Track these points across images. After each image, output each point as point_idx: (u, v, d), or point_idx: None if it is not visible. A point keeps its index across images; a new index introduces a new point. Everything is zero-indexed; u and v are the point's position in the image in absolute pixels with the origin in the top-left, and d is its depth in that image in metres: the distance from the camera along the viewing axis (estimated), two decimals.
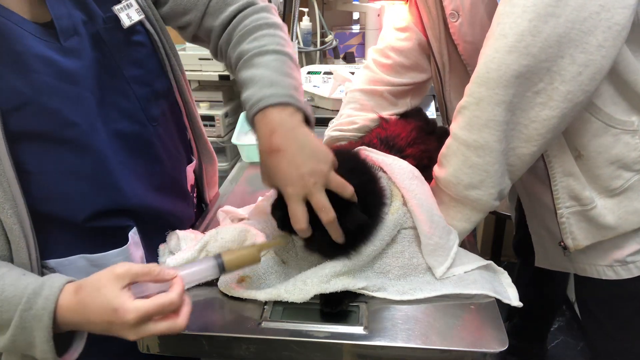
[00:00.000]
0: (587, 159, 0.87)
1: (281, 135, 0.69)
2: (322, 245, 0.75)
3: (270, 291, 0.77)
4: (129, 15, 0.77)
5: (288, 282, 0.77)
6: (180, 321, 0.63)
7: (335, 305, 0.75)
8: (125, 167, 0.79)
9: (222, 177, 1.28)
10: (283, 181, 0.68)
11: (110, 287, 0.61)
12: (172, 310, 0.62)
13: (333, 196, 0.69)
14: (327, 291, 0.75)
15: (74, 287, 0.64)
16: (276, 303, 0.77)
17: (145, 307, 0.60)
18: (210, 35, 0.88)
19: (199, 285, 0.81)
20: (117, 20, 0.76)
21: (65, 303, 0.63)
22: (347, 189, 0.70)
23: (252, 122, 0.73)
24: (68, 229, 0.76)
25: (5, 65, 0.64)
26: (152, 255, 0.87)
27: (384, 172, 0.82)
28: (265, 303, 0.77)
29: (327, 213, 0.67)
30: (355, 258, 0.76)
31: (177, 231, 0.87)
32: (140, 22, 0.80)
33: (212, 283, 0.81)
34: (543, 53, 0.73)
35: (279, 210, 0.72)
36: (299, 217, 0.67)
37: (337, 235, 0.70)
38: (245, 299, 0.78)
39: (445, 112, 1.09)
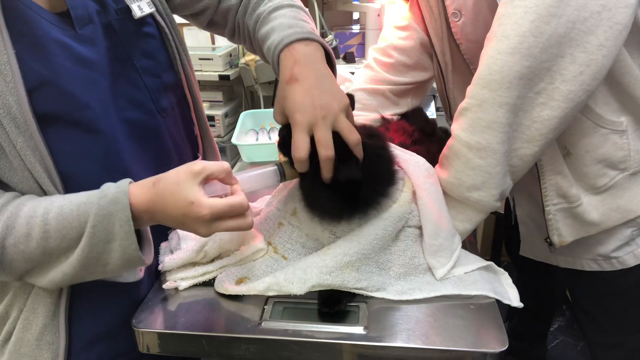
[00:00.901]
0: (575, 157, 0.88)
1: (303, 66, 0.72)
2: (313, 192, 0.75)
3: (269, 280, 0.76)
4: (140, 7, 0.80)
5: (288, 270, 0.77)
6: (248, 220, 0.67)
7: (333, 305, 0.75)
8: (134, 154, 0.80)
9: None
10: (294, 108, 0.70)
11: (188, 181, 0.64)
12: (241, 212, 0.66)
13: (338, 145, 0.69)
14: (327, 282, 0.74)
15: (151, 180, 0.67)
16: (276, 303, 0.77)
17: (219, 205, 0.64)
18: (228, 15, 0.91)
19: (198, 285, 0.82)
20: (128, 11, 0.78)
21: (141, 192, 0.66)
22: (353, 135, 0.70)
23: (277, 61, 0.75)
24: None
25: (26, 48, 0.66)
26: (154, 251, 0.86)
27: (400, 167, 0.82)
28: (265, 303, 0.77)
29: (326, 149, 0.68)
30: (355, 242, 0.76)
31: (178, 230, 0.87)
32: (150, 15, 0.82)
33: (212, 283, 0.81)
34: (544, 53, 0.73)
35: (284, 130, 0.73)
36: (300, 146, 0.69)
37: (327, 174, 0.70)
38: (245, 300, 0.78)
39: (449, 110, 1.09)
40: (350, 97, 0.74)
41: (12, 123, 0.63)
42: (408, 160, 0.83)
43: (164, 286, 0.82)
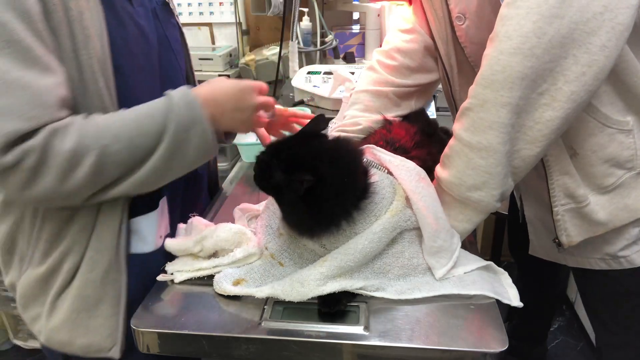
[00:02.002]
0: (582, 157, 0.88)
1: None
2: (287, 211, 0.79)
3: (267, 291, 0.77)
4: (172, 3, 0.98)
5: (285, 283, 0.77)
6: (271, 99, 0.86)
7: (333, 305, 0.75)
8: None
9: (222, 177, 1.28)
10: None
11: (225, 79, 0.81)
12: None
13: (285, 158, 0.75)
14: (324, 293, 0.75)
15: (199, 85, 0.80)
16: (276, 303, 0.77)
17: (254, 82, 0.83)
18: None
19: (198, 285, 0.82)
20: (166, 4, 0.94)
21: (197, 89, 0.78)
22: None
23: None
24: None
25: (109, 13, 0.76)
26: (173, 226, 0.93)
27: (390, 173, 0.82)
28: (265, 303, 0.77)
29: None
30: (350, 255, 0.76)
31: (194, 219, 0.91)
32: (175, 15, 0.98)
33: (212, 283, 0.81)
34: (547, 54, 0.73)
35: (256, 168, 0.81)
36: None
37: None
38: (245, 300, 0.78)
39: (456, 112, 1.09)
40: (322, 117, 0.83)
41: (98, 64, 0.72)
42: (399, 166, 0.82)
43: (158, 278, 0.83)
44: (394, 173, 0.82)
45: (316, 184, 0.72)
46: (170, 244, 0.86)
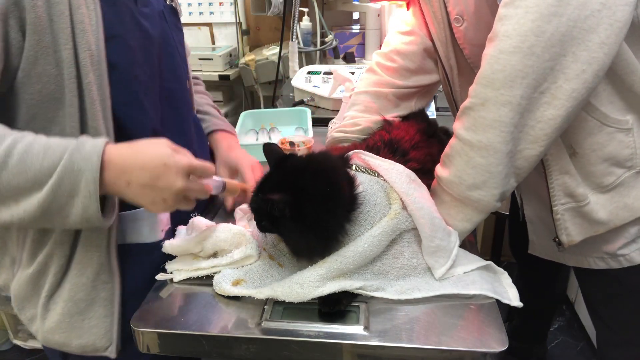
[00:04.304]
0: (582, 156, 0.88)
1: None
2: (289, 241, 0.80)
3: (267, 292, 0.77)
4: (179, 8, 1.01)
5: (284, 284, 0.77)
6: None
7: (333, 305, 0.75)
8: (167, 119, 0.91)
9: None
10: (240, 160, 1.07)
11: (166, 143, 0.72)
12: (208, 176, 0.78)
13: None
14: (324, 294, 0.75)
15: (128, 143, 0.71)
16: (276, 303, 0.77)
17: (196, 161, 0.73)
18: None
19: (198, 285, 0.82)
20: (172, 8, 0.96)
21: (115, 149, 0.68)
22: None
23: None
24: None
25: (106, 4, 0.76)
26: (174, 218, 0.93)
27: (381, 176, 0.82)
28: (265, 303, 0.77)
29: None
30: (351, 258, 0.76)
31: (195, 219, 0.91)
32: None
33: (212, 283, 0.81)
34: (547, 52, 0.73)
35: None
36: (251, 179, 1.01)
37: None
38: (245, 300, 0.78)
39: (457, 112, 1.10)
40: (268, 144, 0.85)
41: (89, 58, 0.72)
42: (388, 169, 0.82)
43: (157, 277, 0.83)
44: (385, 176, 0.82)
45: (300, 201, 0.72)
46: (170, 246, 0.86)
